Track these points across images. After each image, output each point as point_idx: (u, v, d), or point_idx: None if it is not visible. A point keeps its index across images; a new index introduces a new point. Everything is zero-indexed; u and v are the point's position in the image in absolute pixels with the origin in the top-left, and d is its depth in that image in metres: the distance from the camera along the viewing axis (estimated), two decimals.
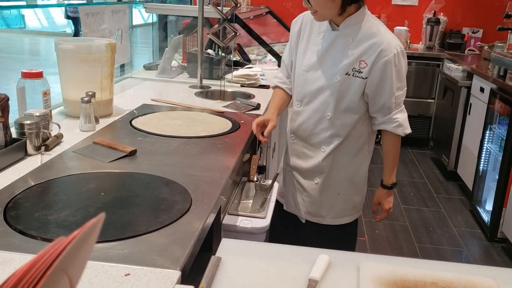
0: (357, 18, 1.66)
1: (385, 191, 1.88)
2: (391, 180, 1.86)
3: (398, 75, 1.65)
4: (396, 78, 1.65)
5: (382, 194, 1.88)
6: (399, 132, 1.72)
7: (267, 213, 1.57)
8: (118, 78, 2.73)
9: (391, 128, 1.72)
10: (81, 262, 0.50)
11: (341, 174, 1.80)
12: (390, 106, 1.68)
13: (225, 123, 1.94)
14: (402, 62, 1.67)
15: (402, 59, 1.66)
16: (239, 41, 3.49)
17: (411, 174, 4.40)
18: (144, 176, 1.36)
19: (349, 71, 1.65)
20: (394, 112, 1.69)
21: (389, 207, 1.88)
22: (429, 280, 0.94)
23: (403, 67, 1.67)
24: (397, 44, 1.66)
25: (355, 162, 1.82)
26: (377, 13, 5.51)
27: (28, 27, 14.18)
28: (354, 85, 1.66)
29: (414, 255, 3.03)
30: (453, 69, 4.35)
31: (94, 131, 1.75)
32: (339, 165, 1.79)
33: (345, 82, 1.66)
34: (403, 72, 1.68)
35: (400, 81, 1.67)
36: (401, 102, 1.71)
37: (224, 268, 0.97)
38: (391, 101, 1.67)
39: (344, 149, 1.76)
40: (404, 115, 1.73)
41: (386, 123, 1.72)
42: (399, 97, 1.69)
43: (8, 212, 1.09)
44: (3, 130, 1.41)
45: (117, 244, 0.98)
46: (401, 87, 1.68)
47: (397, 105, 1.69)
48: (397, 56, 1.63)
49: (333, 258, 1.02)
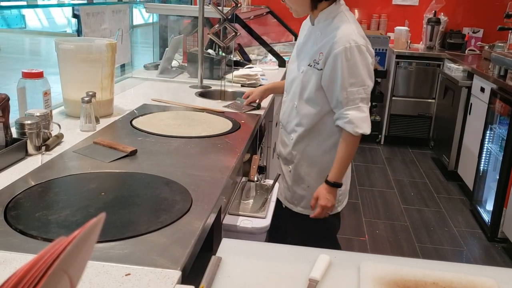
0: (329, 14, 1.71)
1: (325, 187, 1.75)
2: (335, 177, 1.74)
3: (350, 69, 1.64)
4: (348, 72, 1.64)
5: (321, 189, 1.76)
6: (349, 129, 1.68)
7: (268, 213, 1.57)
8: (118, 78, 2.73)
9: (341, 123, 1.70)
10: (82, 262, 0.50)
11: (311, 168, 1.83)
12: (341, 100, 1.67)
13: (225, 123, 1.94)
14: (357, 57, 1.63)
15: (356, 53, 1.63)
16: (239, 41, 3.49)
17: (412, 174, 4.40)
18: (145, 176, 1.36)
19: (311, 62, 1.73)
20: (346, 108, 1.67)
21: (324, 204, 1.74)
22: (429, 280, 0.94)
23: (358, 62, 1.64)
24: (352, 38, 1.63)
25: (326, 159, 1.79)
26: (377, 13, 5.51)
27: (28, 27, 14.18)
28: (313, 76, 1.72)
29: (414, 255, 3.03)
30: (454, 69, 4.35)
31: (95, 131, 1.75)
32: (309, 159, 1.83)
33: (307, 73, 1.74)
34: (358, 67, 1.64)
35: (354, 77, 1.64)
36: (356, 99, 1.66)
37: (224, 268, 0.97)
38: (343, 96, 1.66)
39: (313, 143, 1.80)
40: (360, 114, 1.68)
41: (338, 118, 1.71)
42: (353, 93, 1.65)
43: (8, 212, 1.09)
44: (3, 130, 1.41)
45: (118, 244, 0.98)
46: (355, 83, 1.65)
47: (350, 101, 1.66)
48: (349, 50, 1.62)
49: (334, 258, 1.02)
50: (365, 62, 1.66)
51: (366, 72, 1.66)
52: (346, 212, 3.58)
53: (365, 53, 1.65)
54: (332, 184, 1.74)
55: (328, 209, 1.75)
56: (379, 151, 5.02)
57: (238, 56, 3.43)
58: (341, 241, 3.14)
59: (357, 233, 3.28)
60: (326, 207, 1.75)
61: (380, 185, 4.13)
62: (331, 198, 1.75)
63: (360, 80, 1.65)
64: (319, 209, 1.75)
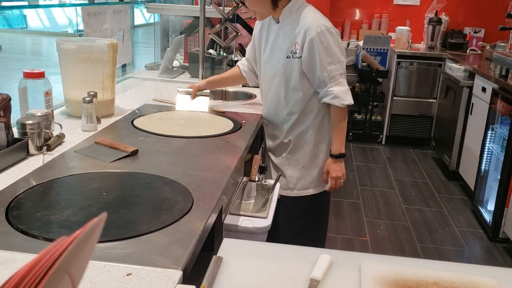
0: (291, 9, 1.88)
1: (331, 160, 1.98)
2: (338, 150, 1.96)
3: (326, 50, 1.83)
4: (325, 53, 1.83)
5: (329, 163, 1.99)
6: (336, 103, 1.88)
7: (269, 213, 1.57)
8: (119, 78, 2.73)
9: (328, 100, 1.89)
10: (83, 261, 0.50)
11: (304, 148, 2.01)
12: (324, 79, 1.87)
13: (226, 123, 1.94)
14: (330, 38, 1.83)
15: (328, 36, 1.82)
16: (240, 41, 3.49)
17: (413, 174, 4.40)
18: (146, 176, 1.36)
19: (288, 54, 1.90)
20: (330, 85, 1.87)
21: (336, 175, 1.97)
22: (430, 280, 0.94)
23: (331, 43, 1.83)
24: (321, 23, 1.83)
25: (317, 137, 1.99)
26: (378, 12, 5.51)
27: (30, 27, 14.19)
28: (294, 66, 1.90)
29: (415, 255, 3.03)
30: (455, 69, 4.34)
31: (96, 131, 1.75)
32: (303, 140, 2.00)
33: (288, 65, 1.91)
34: (332, 47, 1.83)
35: (330, 56, 1.84)
36: (336, 75, 1.86)
37: (225, 268, 0.97)
38: (324, 75, 1.85)
39: (303, 125, 1.98)
40: (341, 87, 1.87)
41: (324, 96, 1.90)
42: (332, 71, 1.85)
43: (10, 212, 1.09)
44: (5, 130, 1.41)
45: (119, 244, 0.98)
46: (333, 62, 1.84)
47: (332, 78, 1.86)
48: (321, 33, 1.81)
49: (335, 258, 1.02)
50: (336, 42, 1.85)
51: (339, 50, 1.86)
52: (347, 212, 3.58)
53: (334, 34, 1.85)
54: (337, 156, 1.96)
55: (339, 178, 1.98)
56: (380, 151, 5.02)
57: (239, 56, 3.42)
58: (342, 241, 3.15)
59: (358, 233, 3.27)
60: (338, 177, 1.97)
61: (381, 185, 4.13)
62: (340, 168, 1.98)
63: (336, 58, 1.85)
64: (333, 181, 1.98)
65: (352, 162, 4.59)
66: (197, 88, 2.17)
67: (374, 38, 4.91)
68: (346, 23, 5.56)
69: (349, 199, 3.80)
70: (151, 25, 4.42)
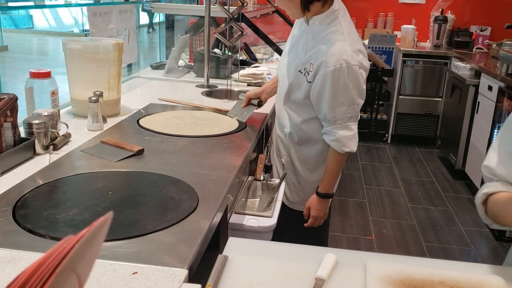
0: (323, 19, 1.64)
1: (316, 198, 1.80)
2: (325, 189, 1.78)
3: (339, 90, 1.60)
4: (338, 92, 1.61)
5: (312, 200, 1.81)
6: (336, 147, 1.70)
7: (274, 212, 1.57)
8: (125, 78, 2.74)
9: (328, 140, 1.72)
10: (90, 260, 0.51)
11: (302, 167, 1.86)
12: (330, 119, 1.67)
13: (231, 122, 1.94)
14: (348, 78, 1.59)
15: (348, 75, 1.58)
16: (245, 40, 3.49)
17: (419, 173, 4.38)
18: (151, 175, 1.36)
19: (301, 69, 1.70)
20: (334, 126, 1.67)
21: (316, 215, 1.81)
22: (436, 279, 0.94)
23: (348, 83, 1.60)
24: (344, 58, 1.57)
25: (318, 160, 1.83)
26: (384, 11, 5.50)
27: (36, 27, 14.25)
28: (302, 84, 1.71)
29: (421, 254, 3.02)
30: (461, 67, 4.32)
31: (102, 130, 1.76)
32: (301, 157, 1.85)
33: (297, 78, 1.72)
34: (348, 88, 1.61)
35: (343, 97, 1.62)
36: (345, 118, 1.65)
37: (231, 266, 0.98)
38: (331, 115, 1.65)
39: (304, 141, 1.82)
40: (347, 132, 1.68)
41: (326, 134, 1.72)
42: (341, 112, 1.64)
43: (17, 211, 1.10)
44: (12, 130, 1.42)
45: (125, 243, 0.99)
46: (344, 103, 1.63)
47: (339, 120, 1.66)
48: (339, 70, 1.57)
49: (340, 257, 1.02)
50: (356, 82, 1.61)
51: (357, 92, 1.63)
52: (353, 211, 3.58)
53: (356, 73, 1.60)
54: (322, 195, 1.79)
55: (320, 218, 1.83)
56: (386, 150, 5.00)
57: (244, 55, 3.43)
58: (347, 240, 3.15)
59: (364, 232, 3.27)
60: (319, 217, 1.82)
61: (387, 184, 4.11)
62: (323, 208, 1.81)
63: (349, 100, 1.63)
64: (312, 219, 1.82)
65: (357, 161, 4.58)
66: (248, 98, 1.97)
67: (380, 36, 4.90)
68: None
69: (355, 198, 3.79)
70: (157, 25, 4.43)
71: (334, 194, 1.83)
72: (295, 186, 1.90)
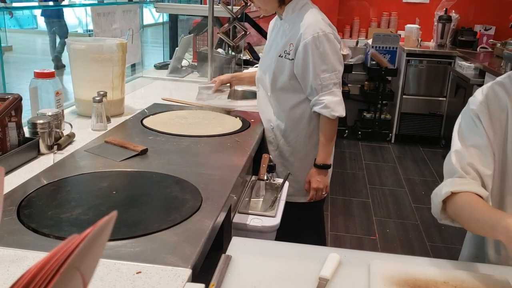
0: (294, 7, 1.81)
1: (314, 170, 1.89)
2: (322, 160, 1.87)
3: (321, 57, 1.74)
4: (319, 60, 1.74)
5: (312, 173, 1.90)
6: (326, 113, 1.79)
7: (277, 211, 1.57)
8: (129, 78, 2.75)
9: (318, 109, 1.81)
10: (94, 259, 0.51)
11: (294, 156, 1.92)
12: (316, 87, 1.78)
13: (235, 122, 1.95)
14: (326, 45, 1.73)
15: (325, 41, 1.73)
16: (249, 40, 3.49)
17: (422, 173, 4.37)
18: (155, 175, 1.37)
19: (281, 53, 1.83)
20: (321, 93, 1.78)
21: (316, 186, 1.88)
22: (440, 279, 0.94)
23: (327, 49, 1.74)
24: (320, 28, 1.73)
25: (308, 145, 1.90)
26: (388, 10, 5.48)
27: (40, 27, 14.29)
28: (285, 66, 1.82)
29: (425, 254, 3.01)
30: (465, 67, 4.31)
31: (106, 130, 1.77)
32: (293, 145, 1.91)
33: (278, 64, 1.84)
34: (328, 54, 1.74)
35: (325, 63, 1.75)
36: (329, 84, 1.77)
37: (234, 266, 0.98)
38: (316, 83, 1.77)
39: (293, 133, 1.89)
40: (334, 98, 1.78)
41: (315, 104, 1.82)
42: (326, 79, 1.76)
43: (21, 211, 1.10)
44: (16, 130, 1.42)
45: (129, 242, 0.99)
46: (327, 70, 1.75)
47: (324, 87, 1.77)
48: (317, 38, 1.72)
49: (343, 257, 1.02)
50: (334, 49, 1.76)
51: (336, 58, 1.77)
52: (357, 211, 3.57)
53: (333, 40, 1.75)
54: (320, 166, 1.87)
55: (321, 190, 1.89)
56: (390, 149, 4.99)
57: (247, 55, 3.43)
58: (351, 239, 3.15)
59: (367, 232, 3.26)
60: (319, 189, 1.88)
61: (390, 184, 4.11)
62: (322, 180, 1.88)
63: (331, 66, 1.76)
64: (313, 191, 1.88)
65: (361, 161, 4.58)
66: (220, 81, 2.14)
67: (383, 36, 4.88)
68: (355, 21, 5.53)
69: (358, 198, 3.79)
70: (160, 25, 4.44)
71: (331, 165, 1.90)
72: (288, 178, 1.91)
